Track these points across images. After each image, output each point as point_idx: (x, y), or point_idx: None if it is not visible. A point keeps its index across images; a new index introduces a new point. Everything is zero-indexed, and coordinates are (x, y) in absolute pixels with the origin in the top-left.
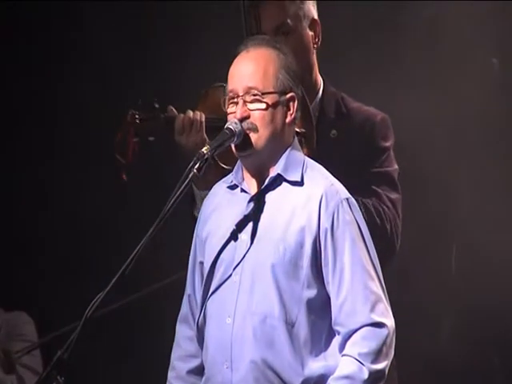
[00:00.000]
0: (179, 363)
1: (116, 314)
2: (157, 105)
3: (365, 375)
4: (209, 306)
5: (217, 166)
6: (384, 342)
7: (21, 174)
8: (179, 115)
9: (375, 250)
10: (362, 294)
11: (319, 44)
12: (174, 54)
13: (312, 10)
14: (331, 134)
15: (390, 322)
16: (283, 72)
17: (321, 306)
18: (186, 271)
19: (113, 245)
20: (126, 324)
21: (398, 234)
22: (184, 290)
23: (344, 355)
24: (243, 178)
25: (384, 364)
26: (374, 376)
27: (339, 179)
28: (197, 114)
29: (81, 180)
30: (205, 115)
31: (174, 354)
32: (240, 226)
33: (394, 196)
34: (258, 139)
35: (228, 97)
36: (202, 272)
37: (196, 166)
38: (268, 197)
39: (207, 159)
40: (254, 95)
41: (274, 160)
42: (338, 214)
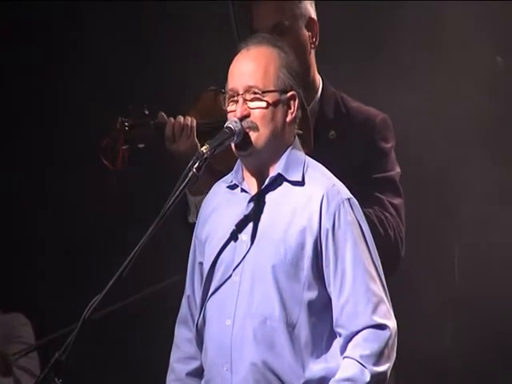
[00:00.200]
0: (178, 365)
1: (114, 316)
2: (147, 111)
3: (367, 378)
4: (208, 308)
5: (209, 171)
6: (386, 344)
7: (21, 174)
8: (169, 120)
9: (377, 252)
10: (364, 296)
11: (317, 43)
12: (174, 54)
13: (309, 9)
14: (330, 136)
15: (392, 324)
16: (284, 70)
17: (322, 308)
18: (186, 272)
19: (113, 245)
20: (125, 326)
21: (403, 240)
22: (183, 292)
23: (345, 357)
24: (243, 178)
25: (386, 366)
26: (376, 378)
27: None
28: (187, 120)
29: (81, 180)
30: (196, 120)
31: (173, 356)
32: (240, 227)
33: (397, 201)
34: (258, 138)
35: (228, 95)
36: (202, 273)
37: (195, 166)
38: (268, 197)
39: (207, 158)
40: (255, 93)
41: (275, 159)
42: (340, 215)
